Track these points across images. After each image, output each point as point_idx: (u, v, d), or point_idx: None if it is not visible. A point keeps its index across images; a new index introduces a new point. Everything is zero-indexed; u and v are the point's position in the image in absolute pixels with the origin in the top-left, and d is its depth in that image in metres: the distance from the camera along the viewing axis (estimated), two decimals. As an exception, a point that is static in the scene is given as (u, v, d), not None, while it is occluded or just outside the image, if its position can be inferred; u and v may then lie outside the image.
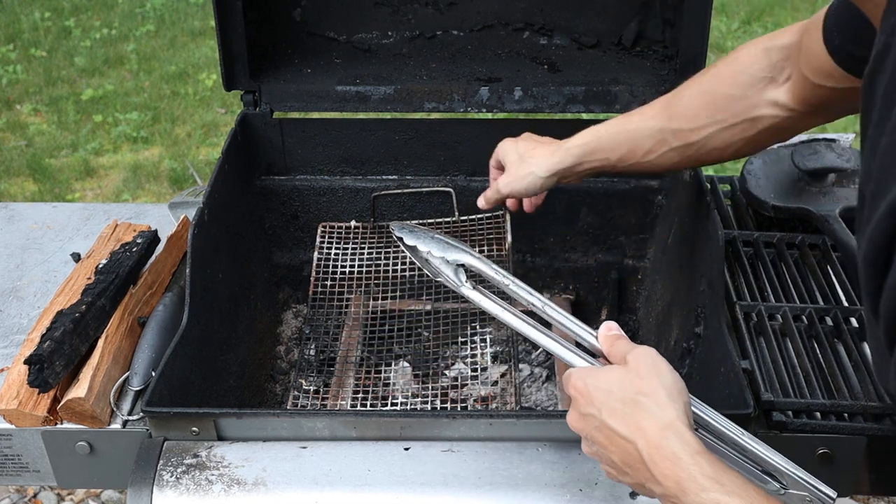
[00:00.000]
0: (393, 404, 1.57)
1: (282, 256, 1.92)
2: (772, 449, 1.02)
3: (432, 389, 1.60)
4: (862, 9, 0.91)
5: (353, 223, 1.87)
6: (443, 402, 1.58)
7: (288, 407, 1.57)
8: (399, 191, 1.85)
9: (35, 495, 2.54)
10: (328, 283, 1.78)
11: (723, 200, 1.74)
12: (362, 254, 1.82)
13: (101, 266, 1.45)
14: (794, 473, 1.01)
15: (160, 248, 1.57)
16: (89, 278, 1.42)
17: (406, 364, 1.67)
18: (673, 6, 1.75)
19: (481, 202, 1.55)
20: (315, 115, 1.90)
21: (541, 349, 1.47)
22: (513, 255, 1.65)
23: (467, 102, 1.76)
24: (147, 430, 1.25)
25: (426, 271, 1.20)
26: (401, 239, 1.19)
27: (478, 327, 1.66)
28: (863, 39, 1.02)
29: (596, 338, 1.09)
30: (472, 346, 1.67)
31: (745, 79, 1.27)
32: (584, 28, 1.84)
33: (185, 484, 1.16)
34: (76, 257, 1.60)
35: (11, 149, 4.14)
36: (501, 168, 1.51)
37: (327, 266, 1.80)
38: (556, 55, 1.85)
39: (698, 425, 1.04)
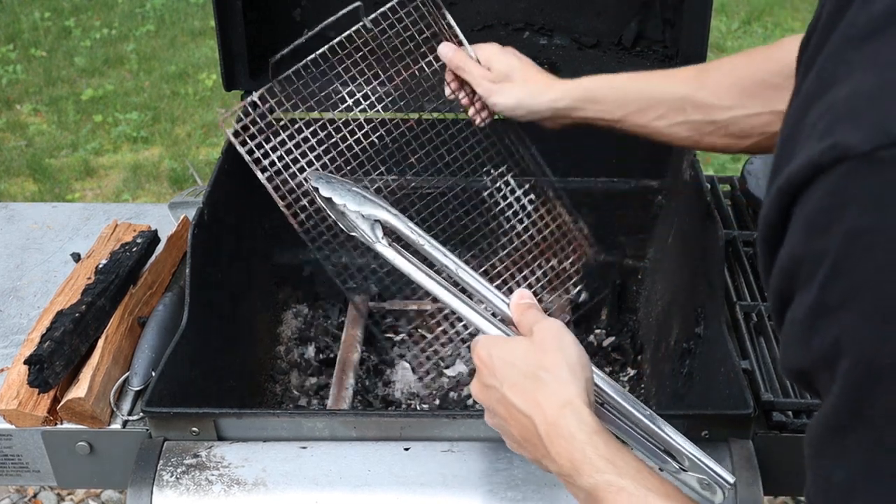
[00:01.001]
0: (393, 404, 1.57)
1: (282, 256, 1.91)
2: (673, 429, 1.01)
3: (432, 389, 1.60)
4: None
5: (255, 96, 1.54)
6: (443, 402, 1.58)
7: (288, 406, 1.57)
8: (297, 42, 1.58)
9: (35, 495, 2.54)
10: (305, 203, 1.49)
11: (723, 200, 1.74)
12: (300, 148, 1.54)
13: (101, 266, 1.45)
14: (692, 455, 0.99)
15: (160, 248, 1.57)
16: (89, 278, 1.42)
17: (406, 364, 1.67)
18: (673, 6, 1.75)
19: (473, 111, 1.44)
20: (315, 115, 1.89)
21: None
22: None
23: (467, 102, 1.75)
24: (147, 430, 1.25)
25: (341, 225, 1.16)
26: (316, 189, 1.15)
27: (478, 327, 1.66)
28: None
29: (508, 305, 1.07)
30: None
31: (782, 67, 1.15)
32: (584, 28, 1.84)
33: (185, 484, 1.16)
34: (76, 257, 1.60)
35: (11, 149, 4.14)
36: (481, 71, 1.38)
37: (285, 182, 1.49)
38: (556, 55, 1.85)
39: (603, 400, 1.01)
